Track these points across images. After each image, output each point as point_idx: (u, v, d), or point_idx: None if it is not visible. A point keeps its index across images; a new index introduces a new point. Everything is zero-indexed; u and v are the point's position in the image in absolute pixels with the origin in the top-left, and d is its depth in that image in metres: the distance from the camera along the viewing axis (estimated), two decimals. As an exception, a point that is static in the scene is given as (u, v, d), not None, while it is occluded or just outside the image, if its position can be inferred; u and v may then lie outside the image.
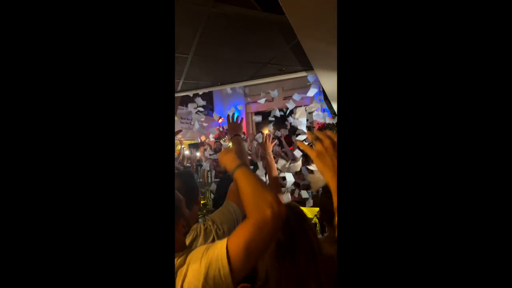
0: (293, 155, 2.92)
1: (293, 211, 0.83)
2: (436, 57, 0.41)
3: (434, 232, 0.40)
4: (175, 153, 4.45)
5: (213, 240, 0.89)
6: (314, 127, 5.12)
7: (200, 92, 2.74)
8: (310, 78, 2.32)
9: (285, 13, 1.26)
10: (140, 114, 0.48)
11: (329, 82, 2.28)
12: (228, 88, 2.93)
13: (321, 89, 2.47)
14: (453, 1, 0.40)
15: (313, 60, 1.89)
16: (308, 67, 2.13)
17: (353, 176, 0.45)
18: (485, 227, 0.38)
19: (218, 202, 2.52)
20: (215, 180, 3.84)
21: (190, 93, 2.73)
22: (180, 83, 2.45)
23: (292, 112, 2.70)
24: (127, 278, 0.45)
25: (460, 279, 0.38)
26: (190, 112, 4.17)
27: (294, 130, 3.53)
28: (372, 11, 0.44)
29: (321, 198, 1.31)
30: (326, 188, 1.52)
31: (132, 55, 0.49)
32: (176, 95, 2.60)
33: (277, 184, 1.48)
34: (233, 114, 1.27)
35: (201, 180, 3.97)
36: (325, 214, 1.25)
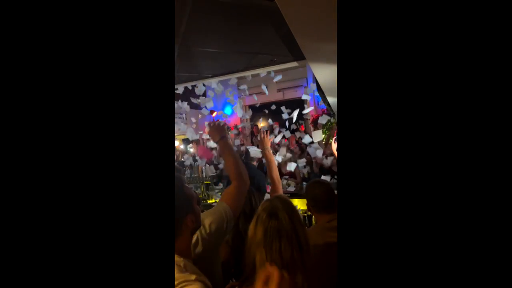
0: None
1: (283, 202, 0.83)
2: (435, 53, 0.41)
3: (433, 229, 0.40)
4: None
5: (197, 241, 0.87)
6: (308, 119, 5.10)
7: (189, 85, 2.67)
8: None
9: (274, -2, 1.20)
10: (140, 111, 0.48)
11: (322, 72, 2.23)
12: (215, 82, 2.81)
13: (314, 80, 2.42)
14: (453, 0, 0.40)
15: (305, 49, 1.84)
16: (300, 57, 2.08)
17: (352, 174, 0.45)
18: (483, 224, 0.38)
19: None
20: (211, 175, 3.80)
21: (179, 86, 2.65)
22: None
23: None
24: (126, 277, 0.45)
25: (459, 277, 0.38)
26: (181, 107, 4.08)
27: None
28: (372, 8, 0.44)
29: (309, 188, 1.30)
30: (313, 179, 1.51)
31: (131, 51, 0.48)
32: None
33: (278, 181, 1.46)
34: (213, 120, 1.23)
35: (195, 175, 3.93)
36: (312, 203, 1.24)
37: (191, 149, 4.87)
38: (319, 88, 2.54)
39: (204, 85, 2.92)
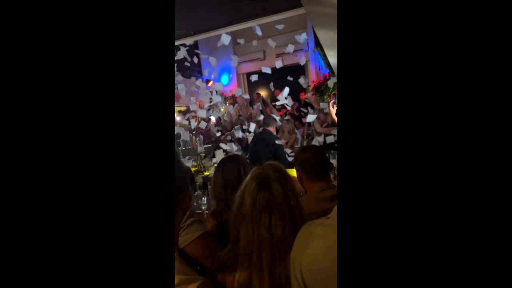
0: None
1: (276, 171, 0.72)
2: (432, 49, 0.41)
3: (434, 226, 0.40)
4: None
5: None
6: (310, 85, 4.80)
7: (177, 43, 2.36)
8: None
9: None
10: (138, 101, 0.47)
11: (322, 24, 1.93)
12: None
13: (313, 34, 2.12)
14: None
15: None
16: (295, 4, 1.77)
17: (352, 170, 0.44)
18: (484, 226, 0.38)
19: (255, 159, 2.36)
20: (206, 146, 3.69)
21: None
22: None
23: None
24: (125, 275, 0.44)
25: (459, 277, 0.39)
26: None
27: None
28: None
29: (298, 154, 1.15)
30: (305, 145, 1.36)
31: (129, 41, 0.47)
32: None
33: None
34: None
35: (190, 147, 3.83)
36: (303, 170, 1.09)
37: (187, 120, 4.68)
38: (318, 44, 2.24)
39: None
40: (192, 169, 3.03)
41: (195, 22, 2.06)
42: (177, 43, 2.33)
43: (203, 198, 2.13)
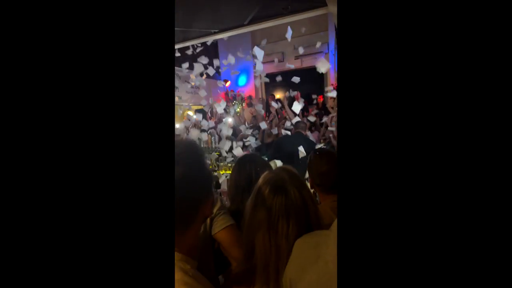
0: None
1: (290, 175, 0.68)
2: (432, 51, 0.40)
3: (434, 226, 0.39)
4: (183, 119, 4.29)
5: None
6: (332, 85, 4.69)
7: (195, 43, 2.37)
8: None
9: None
10: (138, 101, 0.46)
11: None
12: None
13: (336, 34, 2.05)
14: None
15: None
16: (319, 3, 1.71)
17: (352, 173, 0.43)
18: (485, 227, 0.38)
19: (291, 155, 2.42)
20: (219, 146, 3.69)
21: (184, 45, 2.35)
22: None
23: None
24: (124, 278, 0.44)
25: (460, 279, 0.38)
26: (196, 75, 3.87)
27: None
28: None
29: (314, 161, 1.07)
30: (318, 149, 1.29)
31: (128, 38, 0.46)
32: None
33: None
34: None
35: (205, 146, 3.83)
36: (319, 181, 1.02)
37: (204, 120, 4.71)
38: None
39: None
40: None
41: (215, 21, 2.06)
42: (197, 42, 2.34)
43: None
